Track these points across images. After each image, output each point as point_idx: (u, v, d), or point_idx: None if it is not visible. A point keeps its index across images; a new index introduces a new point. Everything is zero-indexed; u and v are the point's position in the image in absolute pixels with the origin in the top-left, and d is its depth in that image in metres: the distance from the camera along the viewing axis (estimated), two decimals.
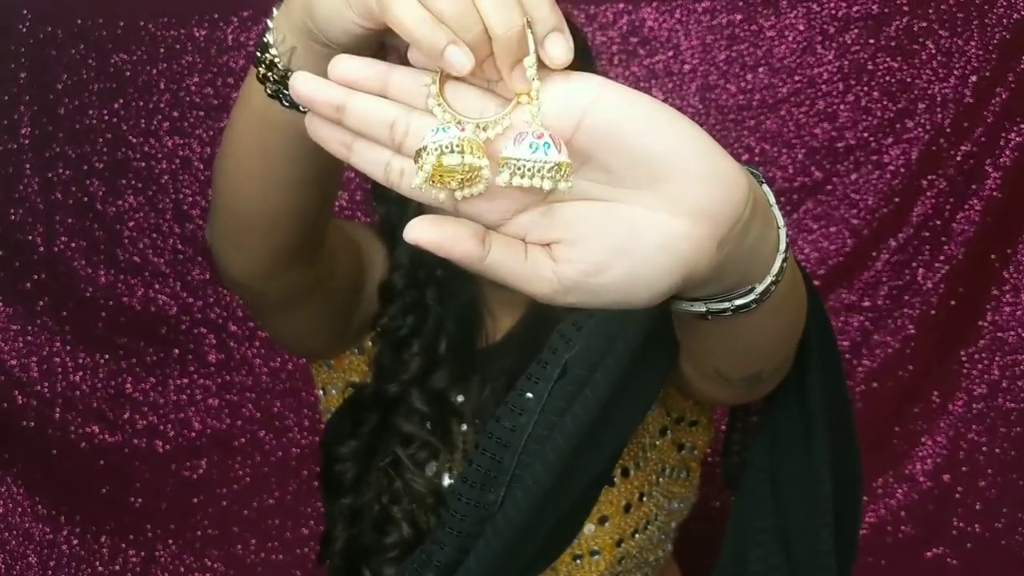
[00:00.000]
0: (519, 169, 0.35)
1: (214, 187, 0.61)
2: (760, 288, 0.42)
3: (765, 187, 0.41)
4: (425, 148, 0.35)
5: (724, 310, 0.42)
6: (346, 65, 0.38)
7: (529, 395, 0.54)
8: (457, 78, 0.37)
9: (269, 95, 0.47)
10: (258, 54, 0.46)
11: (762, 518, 0.64)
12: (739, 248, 0.38)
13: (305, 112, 0.39)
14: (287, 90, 0.45)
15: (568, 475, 0.53)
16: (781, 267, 0.42)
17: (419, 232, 0.36)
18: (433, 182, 0.35)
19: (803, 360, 0.58)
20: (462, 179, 0.36)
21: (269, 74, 0.45)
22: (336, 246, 0.71)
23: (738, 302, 0.42)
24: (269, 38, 0.45)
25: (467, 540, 0.53)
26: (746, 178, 0.37)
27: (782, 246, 0.42)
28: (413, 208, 0.79)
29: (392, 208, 0.81)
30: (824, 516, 0.62)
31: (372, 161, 0.38)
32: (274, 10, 0.44)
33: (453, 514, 0.54)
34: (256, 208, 0.58)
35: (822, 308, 0.58)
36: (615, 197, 0.36)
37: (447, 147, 0.35)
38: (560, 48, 0.35)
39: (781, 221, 0.41)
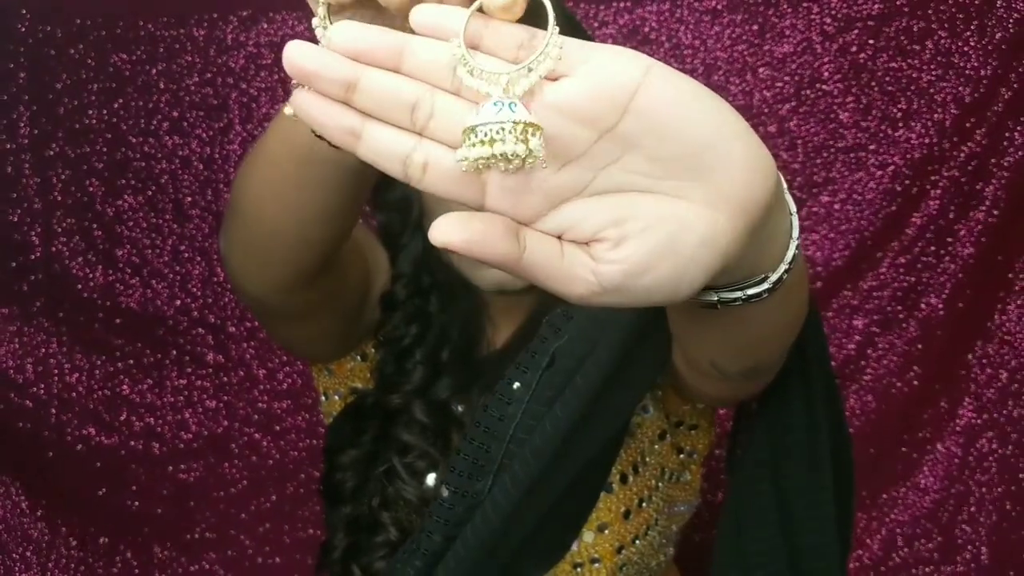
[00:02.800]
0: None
1: (235, 205, 0.60)
2: (774, 277, 0.40)
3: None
4: (475, 129, 0.30)
5: (735, 299, 0.40)
6: (356, 33, 0.31)
7: (517, 384, 0.54)
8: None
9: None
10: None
11: (763, 511, 0.63)
12: (759, 235, 0.36)
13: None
14: None
15: (557, 464, 0.52)
16: (794, 255, 0.40)
17: (446, 234, 0.32)
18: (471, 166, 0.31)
19: (804, 351, 0.57)
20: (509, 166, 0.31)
21: None
22: (347, 259, 0.71)
23: (750, 291, 0.40)
24: None
25: (455, 528, 0.53)
26: (774, 162, 0.35)
27: (795, 232, 0.40)
28: (415, 216, 0.78)
29: (392, 216, 0.80)
30: (826, 506, 0.61)
31: (388, 151, 0.32)
32: None
33: (441, 503, 0.54)
34: (282, 233, 0.58)
35: (813, 298, 0.57)
36: (657, 188, 0.33)
37: (500, 131, 0.30)
38: None
39: (793, 207, 0.40)
